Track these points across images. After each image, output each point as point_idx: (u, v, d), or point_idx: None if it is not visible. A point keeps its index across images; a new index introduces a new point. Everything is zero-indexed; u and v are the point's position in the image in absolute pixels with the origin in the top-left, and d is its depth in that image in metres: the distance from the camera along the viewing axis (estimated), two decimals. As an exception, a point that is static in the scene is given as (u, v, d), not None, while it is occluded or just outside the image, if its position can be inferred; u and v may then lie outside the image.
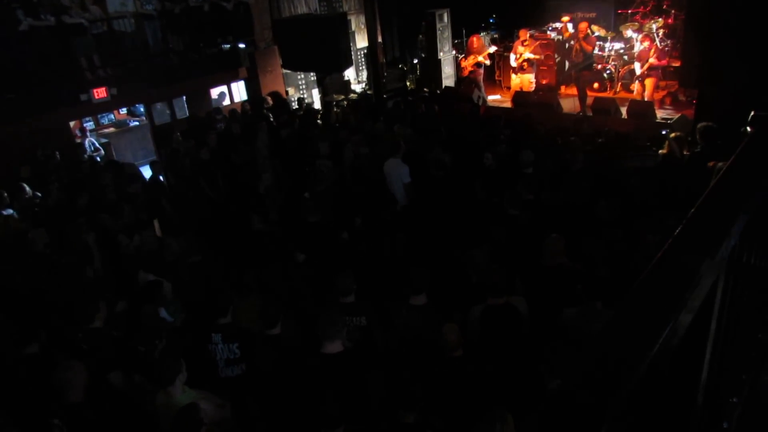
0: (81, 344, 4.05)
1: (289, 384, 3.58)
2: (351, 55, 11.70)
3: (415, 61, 14.16)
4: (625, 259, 4.38)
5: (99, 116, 11.64)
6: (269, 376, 3.73)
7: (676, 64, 10.05)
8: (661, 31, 10.92)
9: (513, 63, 11.80)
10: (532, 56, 11.51)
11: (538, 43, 11.63)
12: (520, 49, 11.59)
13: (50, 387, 3.38)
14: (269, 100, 11.37)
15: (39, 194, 7.61)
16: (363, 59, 14.25)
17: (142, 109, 12.18)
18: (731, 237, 1.46)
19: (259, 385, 3.82)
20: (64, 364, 3.44)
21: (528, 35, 11.68)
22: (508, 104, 11.29)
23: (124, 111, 12.36)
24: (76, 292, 4.92)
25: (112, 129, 11.96)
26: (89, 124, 11.45)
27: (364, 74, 14.33)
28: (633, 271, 3.71)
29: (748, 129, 5.25)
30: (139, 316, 4.24)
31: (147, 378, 3.78)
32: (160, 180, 8.25)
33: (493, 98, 12.36)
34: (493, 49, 12.29)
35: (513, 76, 11.99)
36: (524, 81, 11.68)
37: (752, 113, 5.25)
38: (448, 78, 12.75)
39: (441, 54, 12.55)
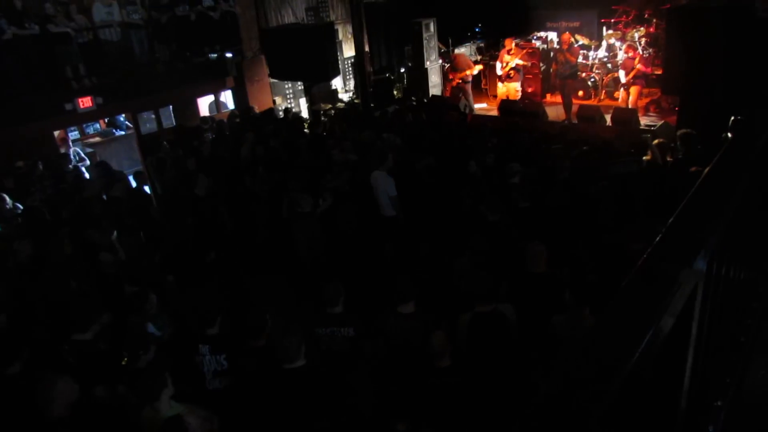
0: (67, 357, 3.97)
1: (273, 396, 3.55)
2: (338, 65, 11.74)
3: (402, 70, 14.24)
4: (613, 265, 4.40)
5: (84, 126, 11.52)
6: (254, 388, 3.69)
7: (659, 72, 10.23)
8: (643, 40, 11.11)
9: (499, 72, 11.92)
10: (520, 62, 11.63)
11: (524, 51, 11.76)
12: (506, 57, 11.71)
13: (33, 403, 3.30)
14: (256, 109, 11.35)
15: (20, 205, 7.50)
16: (350, 68, 14.31)
17: (122, 118, 12.09)
18: (709, 244, 1.49)
19: (246, 398, 3.78)
20: (52, 378, 3.35)
21: (513, 44, 11.81)
22: (494, 112, 11.39)
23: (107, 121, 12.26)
24: (61, 303, 4.83)
25: (97, 138, 11.83)
26: (74, 134, 11.33)
27: (352, 83, 14.37)
28: (621, 278, 3.72)
29: (729, 135, 5.35)
30: (125, 328, 4.17)
31: (132, 391, 3.71)
32: (144, 190, 8.17)
33: (479, 107, 12.46)
34: (478, 68, 12.34)
35: (499, 84, 12.11)
36: (510, 89, 11.79)
37: (732, 118, 5.35)
38: (434, 87, 12.83)
39: (428, 63, 12.63)
